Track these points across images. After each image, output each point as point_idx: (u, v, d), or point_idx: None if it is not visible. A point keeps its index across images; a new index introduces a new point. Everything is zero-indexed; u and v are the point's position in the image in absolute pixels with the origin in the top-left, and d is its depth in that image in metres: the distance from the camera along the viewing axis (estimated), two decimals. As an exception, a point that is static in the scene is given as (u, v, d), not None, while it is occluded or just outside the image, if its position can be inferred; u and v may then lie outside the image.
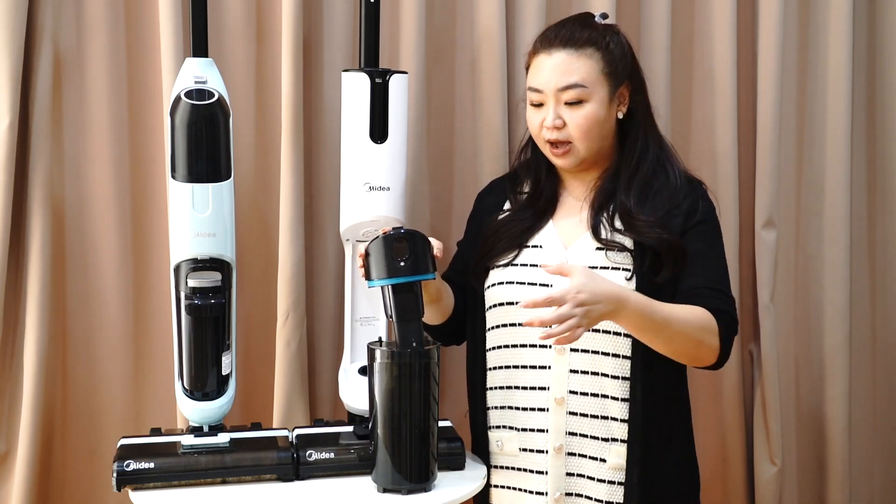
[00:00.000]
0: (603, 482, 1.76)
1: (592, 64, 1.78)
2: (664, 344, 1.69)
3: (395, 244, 1.69)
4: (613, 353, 1.75)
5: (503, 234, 1.86)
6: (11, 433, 2.04)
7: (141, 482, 1.71)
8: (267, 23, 2.12)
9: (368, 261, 1.71)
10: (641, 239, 1.75)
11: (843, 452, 2.44)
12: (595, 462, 1.77)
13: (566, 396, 1.77)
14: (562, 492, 1.79)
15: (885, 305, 2.52)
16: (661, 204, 1.78)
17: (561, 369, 1.78)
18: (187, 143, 1.75)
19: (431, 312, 1.87)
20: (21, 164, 2.00)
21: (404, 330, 1.69)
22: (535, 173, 1.90)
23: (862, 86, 2.46)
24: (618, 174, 1.82)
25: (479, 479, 1.79)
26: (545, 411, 1.79)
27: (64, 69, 2.05)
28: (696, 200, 1.80)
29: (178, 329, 1.81)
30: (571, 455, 1.78)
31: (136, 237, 2.10)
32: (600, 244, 1.77)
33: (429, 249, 1.72)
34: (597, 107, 1.78)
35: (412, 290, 1.70)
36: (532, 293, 1.75)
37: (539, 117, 1.80)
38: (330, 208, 2.12)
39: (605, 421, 1.76)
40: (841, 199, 2.40)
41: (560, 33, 1.80)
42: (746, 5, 2.36)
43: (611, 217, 1.79)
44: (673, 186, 1.80)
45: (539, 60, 1.80)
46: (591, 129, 1.78)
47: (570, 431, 1.78)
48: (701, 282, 1.75)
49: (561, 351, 1.77)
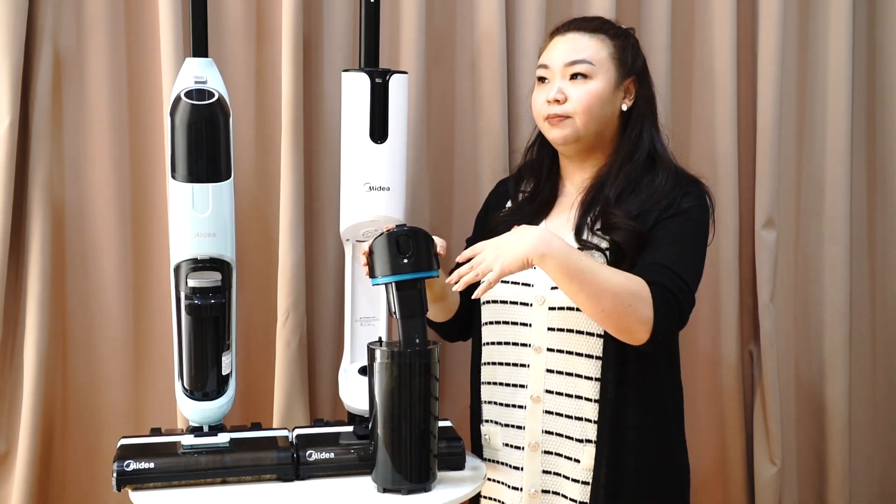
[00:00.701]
0: (577, 482, 1.77)
1: (603, 46, 1.82)
2: (590, 300, 1.62)
3: (399, 241, 1.69)
4: (587, 354, 1.76)
5: (497, 233, 1.85)
6: (11, 433, 2.04)
7: (141, 482, 1.71)
8: (267, 23, 2.12)
9: (372, 258, 1.71)
10: (612, 235, 1.74)
11: (843, 452, 2.44)
12: (570, 462, 1.78)
13: (542, 395, 1.80)
14: (538, 488, 1.81)
15: (885, 305, 2.52)
16: (642, 200, 1.77)
17: (538, 368, 1.80)
18: (187, 143, 1.75)
19: (437, 310, 1.89)
20: (21, 164, 2.00)
21: (408, 327, 1.69)
22: (538, 174, 1.92)
23: (862, 86, 2.46)
24: (609, 168, 1.83)
25: (479, 479, 1.79)
26: (523, 408, 1.82)
27: (64, 69, 2.05)
28: (678, 196, 1.78)
29: (178, 329, 1.81)
30: (548, 454, 1.80)
31: (136, 237, 2.10)
32: (580, 245, 1.78)
33: (432, 247, 1.73)
34: (601, 85, 1.79)
35: (416, 287, 1.70)
36: (515, 293, 1.80)
37: (542, 94, 1.83)
38: (330, 208, 2.12)
39: (580, 422, 1.77)
40: (841, 199, 2.40)
41: (577, 20, 1.87)
42: (746, 5, 2.36)
43: (595, 217, 1.79)
44: (658, 185, 1.79)
45: (553, 42, 1.85)
46: (593, 105, 1.79)
47: (547, 430, 1.80)
48: (653, 258, 1.69)
49: (538, 350, 1.79)
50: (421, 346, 1.68)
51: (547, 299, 1.78)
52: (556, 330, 1.78)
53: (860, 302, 2.50)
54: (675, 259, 1.70)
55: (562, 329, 1.77)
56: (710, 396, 2.39)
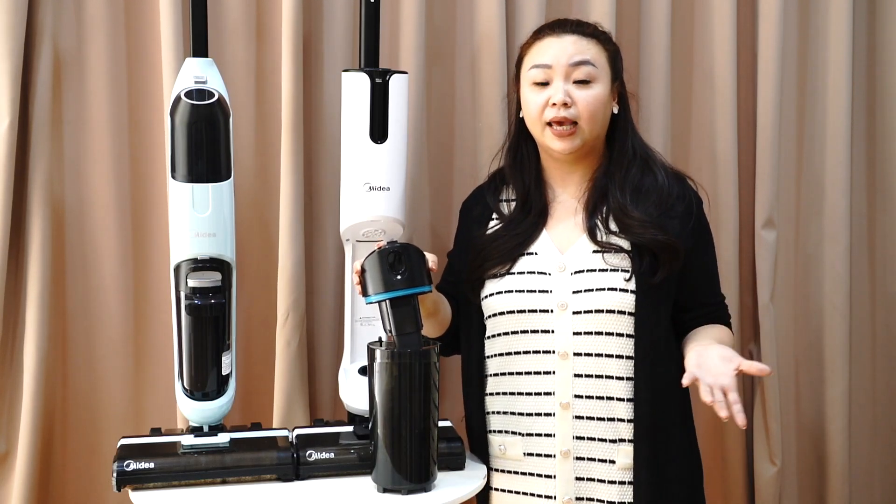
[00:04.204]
0: (614, 483, 1.77)
1: (600, 51, 1.80)
2: None
3: (391, 258, 1.69)
4: (618, 355, 1.76)
5: (495, 250, 1.84)
6: (11, 433, 2.04)
7: (141, 482, 1.71)
8: (267, 23, 2.12)
9: (364, 277, 1.71)
10: (636, 240, 1.75)
11: (842, 452, 2.43)
12: (604, 464, 1.77)
13: (571, 401, 1.77)
14: (571, 496, 1.79)
15: (885, 305, 2.52)
16: (654, 204, 1.79)
17: (565, 374, 1.78)
18: (187, 143, 1.75)
19: (429, 326, 1.87)
20: (21, 164, 2.00)
21: (404, 343, 1.69)
22: (522, 182, 1.87)
23: (862, 86, 2.46)
24: (609, 172, 1.82)
25: (479, 479, 1.79)
26: (552, 416, 1.79)
27: (64, 69, 2.05)
28: (690, 201, 1.82)
29: (178, 329, 1.81)
30: (580, 459, 1.78)
31: (136, 237, 2.10)
32: (597, 247, 1.77)
33: (424, 263, 1.72)
34: (603, 91, 1.78)
35: (409, 303, 1.70)
36: (532, 301, 1.78)
37: (543, 96, 1.77)
38: (330, 208, 2.12)
39: (612, 423, 1.76)
40: (841, 199, 2.40)
41: (567, 22, 1.83)
42: (746, 5, 2.36)
43: (605, 218, 1.79)
44: (662, 186, 1.80)
45: (545, 42, 1.80)
46: (598, 111, 1.78)
47: (577, 436, 1.78)
48: (709, 297, 1.89)
49: (564, 355, 1.77)
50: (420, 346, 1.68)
51: (570, 304, 1.77)
52: (584, 334, 1.76)
53: (860, 302, 2.50)
54: (717, 287, 1.92)
55: (589, 332, 1.76)
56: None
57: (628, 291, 1.74)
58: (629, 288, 1.74)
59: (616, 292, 1.74)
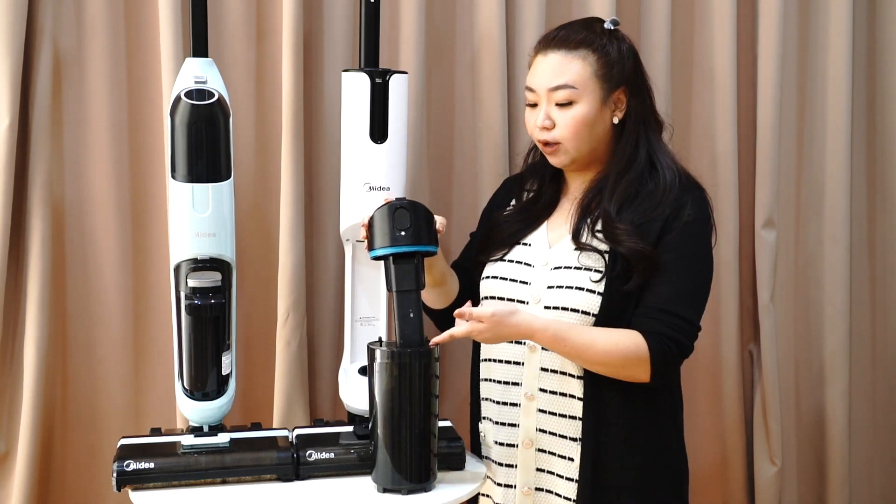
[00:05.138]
0: (570, 480, 1.78)
1: (585, 66, 1.78)
2: (587, 366, 1.74)
3: (398, 213, 1.69)
4: None
5: (500, 232, 1.89)
6: (11, 433, 2.04)
7: (141, 482, 1.71)
8: (267, 23, 2.12)
9: (371, 230, 1.71)
10: (617, 247, 1.75)
11: (843, 452, 2.44)
12: (563, 460, 1.79)
13: (536, 394, 1.80)
14: (531, 486, 1.81)
15: (885, 305, 2.52)
16: (644, 210, 1.77)
17: (533, 367, 1.80)
18: (187, 143, 1.75)
19: (435, 295, 1.90)
20: (21, 164, 2.00)
21: (402, 301, 1.68)
22: (541, 176, 1.92)
23: (862, 86, 2.46)
24: (606, 177, 1.82)
25: (480, 479, 1.79)
26: (517, 406, 1.82)
27: (64, 69, 2.05)
28: (681, 206, 1.77)
29: (178, 329, 1.81)
30: (542, 452, 1.81)
31: (136, 237, 2.10)
32: (577, 247, 1.78)
33: (431, 223, 1.73)
34: (587, 108, 1.78)
35: (413, 261, 1.69)
36: (512, 290, 1.81)
37: (533, 117, 1.82)
38: (330, 208, 2.12)
39: (573, 420, 1.78)
40: (841, 199, 2.40)
41: (558, 34, 1.81)
42: (746, 5, 2.36)
43: (593, 222, 1.80)
44: (661, 191, 1.78)
45: (536, 61, 1.83)
46: (580, 130, 1.78)
47: (540, 428, 1.80)
48: (653, 300, 1.74)
49: (533, 348, 1.80)
50: (419, 337, 1.67)
51: (542, 298, 1.79)
52: None
53: (860, 302, 2.50)
54: (678, 296, 1.74)
55: None
56: (710, 396, 2.39)
57: (595, 293, 1.74)
58: (597, 290, 1.74)
59: (583, 292, 1.75)
